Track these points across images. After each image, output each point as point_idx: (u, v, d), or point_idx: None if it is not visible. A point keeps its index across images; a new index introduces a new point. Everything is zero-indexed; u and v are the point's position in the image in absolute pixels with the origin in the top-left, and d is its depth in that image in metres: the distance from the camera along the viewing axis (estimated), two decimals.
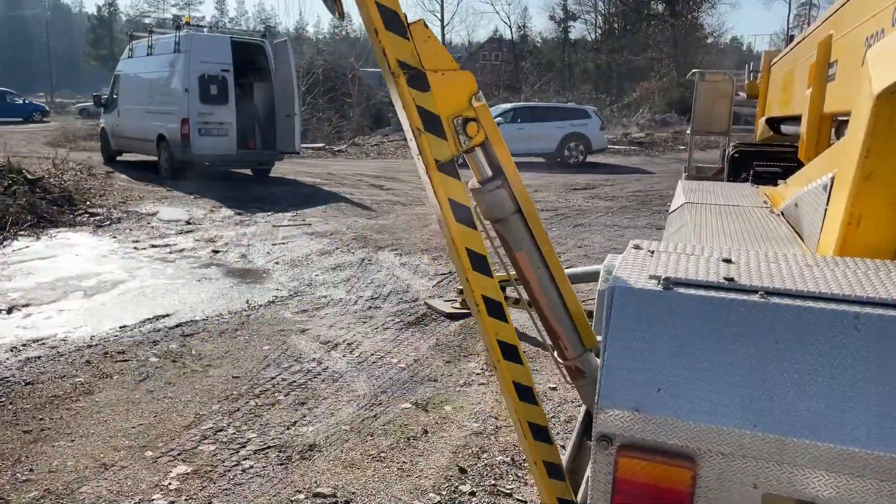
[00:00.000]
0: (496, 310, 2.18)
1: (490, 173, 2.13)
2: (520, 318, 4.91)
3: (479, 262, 2.10)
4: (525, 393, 2.36)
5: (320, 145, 25.20)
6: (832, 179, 1.73)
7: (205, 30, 17.42)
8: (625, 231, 10.27)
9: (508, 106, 21.44)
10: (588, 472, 2.49)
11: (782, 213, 2.64)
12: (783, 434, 1.17)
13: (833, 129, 3.06)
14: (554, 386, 4.75)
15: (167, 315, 6.13)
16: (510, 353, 2.28)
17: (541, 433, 2.43)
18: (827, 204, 1.74)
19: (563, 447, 2.66)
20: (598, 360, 2.53)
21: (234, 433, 4.03)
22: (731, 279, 1.31)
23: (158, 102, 15.53)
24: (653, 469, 1.24)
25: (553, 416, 4.29)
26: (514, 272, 2.40)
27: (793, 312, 1.20)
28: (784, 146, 6.27)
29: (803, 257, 1.49)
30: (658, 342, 1.22)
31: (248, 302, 6.63)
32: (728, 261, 1.44)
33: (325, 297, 6.86)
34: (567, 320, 2.37)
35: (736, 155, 5.82)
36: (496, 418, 4.26)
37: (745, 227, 2.37)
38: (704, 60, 49.07)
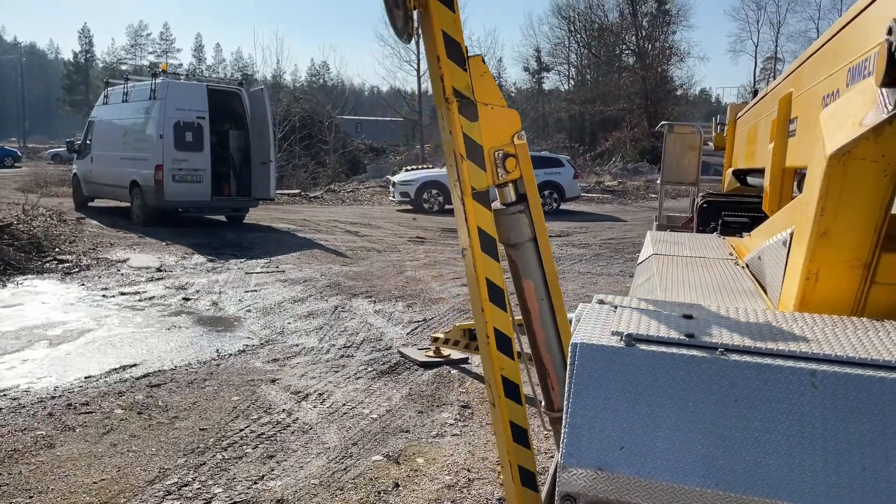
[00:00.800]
0: (505, 345, 2.25)
1: (514, 198, 2.21)
2: None
3: (497, 295, 2.17)
4: (520, 435, 2.38)
5: (296, 192, 25.23)
6: (791, 235, 1.76)
7: (181, 77, 17.52)
8: (598, 278, 10.34)
9: None
10: None
11: (747, 265, 2.68)
12: (744, 493, 1.16)
13: (795, 183, 3.13)
14: None
15: (134, 365, 6.00)
16: (512, 391, 2.32)
17: (528, 479, 2.43)
18: (787, 259, 1.77)
19: None
20: None
21: (200, 488, 3.92)
22: (691, 335, 1.32)
23: (133, 149, 15.49)
24: None
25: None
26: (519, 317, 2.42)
27: (751, 369, 1.21)
28: (751, 196, 6.40)
29: (763, 312, 1.51)
30: (621, 399, 1.22)
31: (218, 351, 6.52)
32: (689, 317, 1.45)
33: (297, 345, 6.78)
34: (560, 359, 2.39)
35: (705, 205, 5.91)
36: (469, 471, 4.19)
37: (709, 279, 2.40)
38: (674, 111, 50.22)
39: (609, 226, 17.21)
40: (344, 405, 5.21)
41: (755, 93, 6.09)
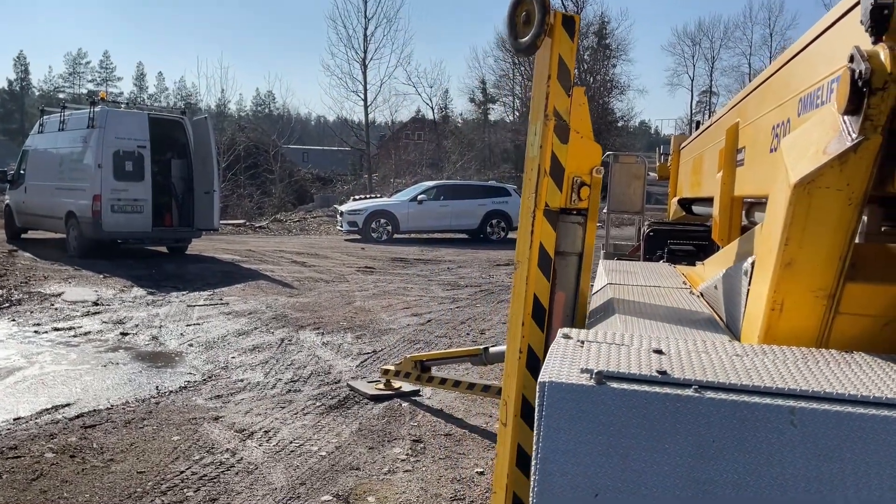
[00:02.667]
0: (534, 365, 2.26)
1: (575, 211, 2.35)
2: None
3: (539, 314, 2.25)
4: (523, 461, 2.36)
5: (241, 221, 24.79)
6: (752, 265, 1.74)
7: (122, 106, 17.11)
8: None
9: (432, 184, 21.76)
10: None
11: (701, 294, 2.67)
12: None
13: (744, 212, 3.15)
14: (482, 471, 4.60)
15: (67, 405, 5.69)
16: (528, 414, 2.33)
17: None
18: (748, 289, 1.74)
19: None
20: None
21: None
22: (663, 372, 1.26)
23: (69, 178, 14.98)
24: None
25: (482, 503, 4.13)
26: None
27: (727, 407, 1.15)
28: (695, 225, 6.51)
29: (732, 346, 1.47)
30: (593, 442, 1.15)
31: (157, 388, 6.25)
32: (659, 352, 1.39)
33: (242, 380, 6.54)
34: None
35: (651, 233, 5.98)
36: None
37: (667, 310, 2.38)
38: (616, 142, 51.37)
39: None
40: (291, 443, 5.02)
41: (697, 124, 6.23)
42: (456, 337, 8.41)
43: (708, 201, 5.09)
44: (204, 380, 6.54)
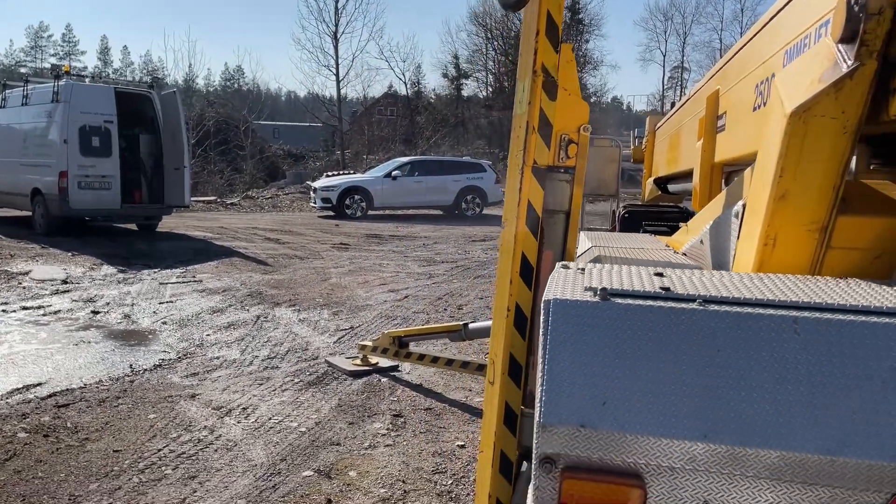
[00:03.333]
0: (522, 324, 2.27)
1: (562, 169, 2.33)
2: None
3: (527, 272, 2.23)
4: (510, 419, 2.37)
5: (211, 198, 24.45)
6: (744, 206, 1.74)
7: (87, 80, 16.69)
8: None
9: (406, 159, 21.63)
10: None
11: (685, 254, 2.67)
12: (733, 444, 1.13)
13: (723, 180, 3.16)
14: (462, 444, 4.61)
15: (39, 384, 5.58)
16: (515, 372, 2.30)
17: (506, 467, 2.39)
18: (739, 230, 1.75)
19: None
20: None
21: None
22: (667, 289, 1.28)
23: (34, 154, 14.61)
24: (600, 490, 1.18)
25: (463, 476, 4.13)
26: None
27: (732, 318, 1.18)
28: (669, 206, 6.53)
29: (729, 275, 1.47)
30: (600, 355, 1.15)
31: (131, 366, 6.15)
32: (660, 274, 1.41)
33: (218, 358, 6.47)
34: None
35: (626, 215, 6.01)
36: (404, 482, 4.05)
37: (657, 263, 2.38)
38: (590, 119, 51.42)
39: None
40: (270, 419, 4.98)
41: (672, 105, 6.24)
42: (433, 313, 8.40)
43: (684, 177, 5.11)
44: (179, 357, 6.46)
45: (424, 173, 19.96)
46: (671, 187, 5.43)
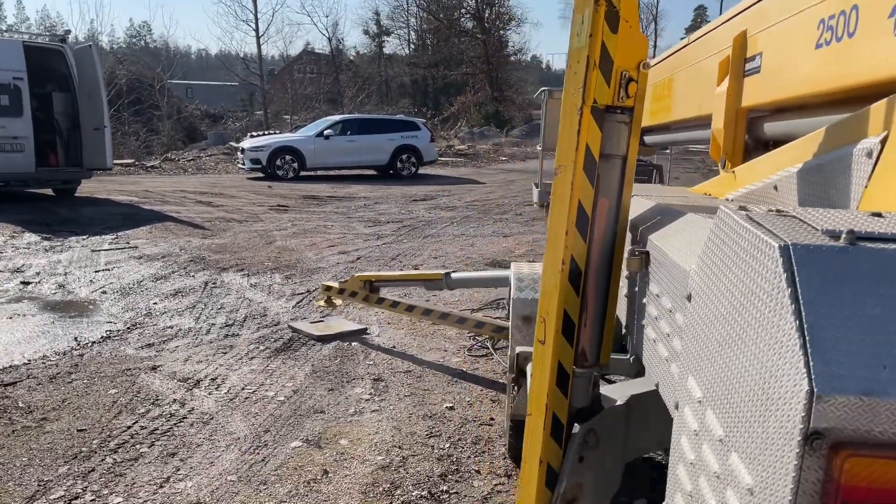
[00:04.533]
0: (576, 278, 2.09)
1: (621, 110, 2.13)
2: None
3: (583, 223, 2.05)
4: (563, 380, 2.21)
5: (129, 161, 23.19)
6: (884, 140, 1.59)
7: None
8: (474, 240, 10.27)
9: (338, 118, 21.00)
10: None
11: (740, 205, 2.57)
12: None
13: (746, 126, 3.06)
14: (451, 405, 4.48)
15: None
16: (568, 330, 2.13)
17: (558, 431, 2.24)
18: (873, 169, 1.60)
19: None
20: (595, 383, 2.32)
21: (95, 500, 3.34)
22: None
23: None
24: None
25: (459, 439, 4.01)
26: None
27: None
28: (640, 158, 6.49)
29: None
30: (861, 309, 0.94)
31: (77, 339, 5.72)
32: (878, 214, 1.18)
33: (171, 327, 6.10)
34: (602, 308, 2.19)
35: None
36: (400, 448, 3.90)
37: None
38: (513, 77, 51.49)
39: (469, 188, 17.26)
40: (243, 389, 4.72)
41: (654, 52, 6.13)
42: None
43: (665, 129, 5.04)
44: (128, 328, 6.05)
45: (357, 132, 19.44)
46: (648, 139, 5.35)
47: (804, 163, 2.02)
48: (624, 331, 2.53)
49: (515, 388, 3.31)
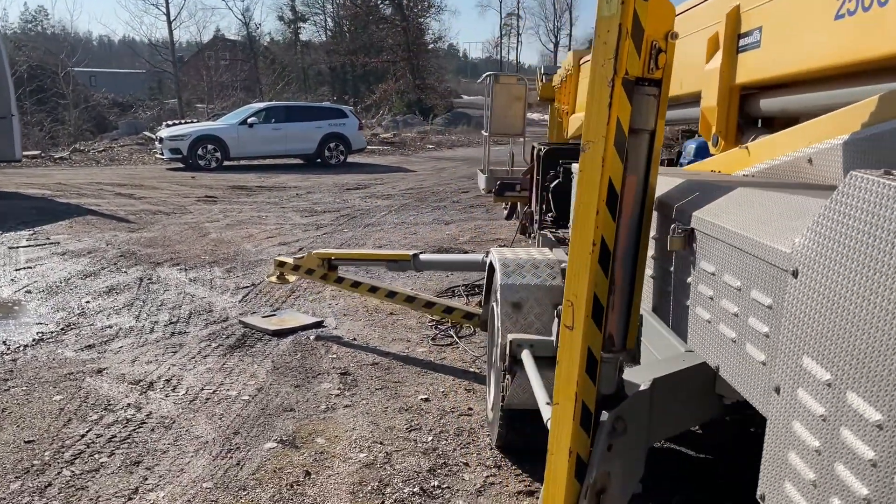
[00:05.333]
0: (605, 260, 2.00)
1: (649, 82, 2.04)
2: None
3: (613, 201, 1.96)
4: (592, 366, 2.12)
5: (35, 153, 21.81)
6: None
7: None
8: (416, 228, 10.13)
9: (262, 105, 20.32)
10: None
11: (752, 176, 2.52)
12: None
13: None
14: (426, 397, 4.35)
15: None
16: (598, 314, 2.05)
17: (587, 419, 2.15)
18: None
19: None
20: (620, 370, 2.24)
21: None
22: None
23: None
24: None
25: (442, 431, 3.89)
26: None
27: None
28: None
29: None
30: None
31: (5, 343, 5.29)
32: None
33: (110, 326, 5.72)
34: (629, 290, 2.12)
35: (544, 154, 5.91)
36: (381, 444, 3.75)
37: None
38: (433, 64, 51.30)
39: (402, 176, 17.06)
40: (202, 390, 4.45)
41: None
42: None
43: None
44: (62, 329, 5.63)
45: (283, 120, 18.86)
46: None
47: (851, 134, 1.99)
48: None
49: (508, 377, 3.21)
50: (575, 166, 3.21)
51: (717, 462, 3.67)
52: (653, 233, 2.21)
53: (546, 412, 2.58)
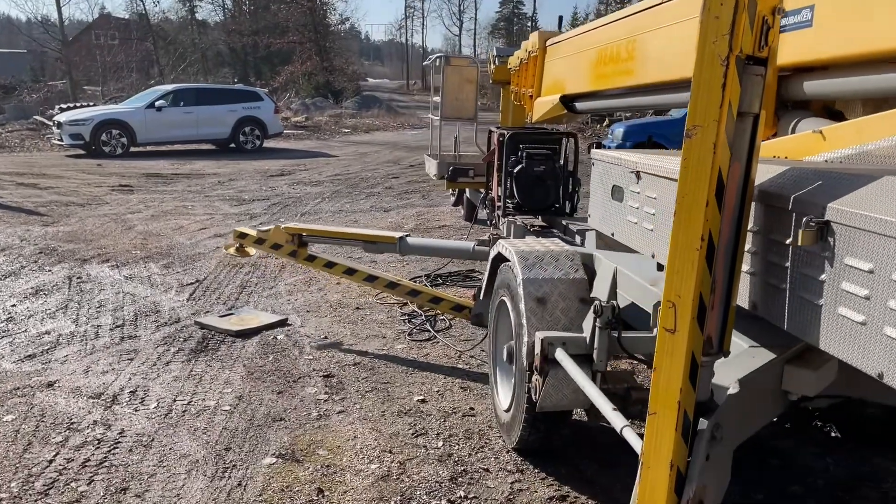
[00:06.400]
0: (710, 256, 1.88)
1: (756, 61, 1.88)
2: None
3: (720, 191, 1.84)
4: (694, 372, 1.96)
5: None
6: None
7: None
8: (355, 216, 9.80)
9: (170, 87, 19.16)
10: None
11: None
12: None
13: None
14: (422, 398, 4.14)
15: None
16: (702, 315, 1.91)
17: (687, 430, 2.00)
18: None
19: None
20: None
21: None
22: None
23: None
24: None
25: (451, 435, 3.69)
26: None
27: None
28: (542, 128, 6.37)
29: None
30: None
31: None
32: None
33: (48, 333, 5.17)
34: (728, 288, 2.00)
35: (507, 139, 5.79)
36: (391, 452, 3.51)
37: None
38: (340, 46, 50.25)
39: (325, 162, 16.54)
40: (175, 401, 4.06)
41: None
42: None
43: (598, 95, 4.93)
44: None
45: (194, 103, 17.85)
46: (582, 105, 5.23)
47: None
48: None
49: (537, 377, 3.05)
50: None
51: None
52: (751, 225, 2.09)
53: (613, 417, 2.44)
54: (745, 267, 2.13)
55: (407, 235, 5.04)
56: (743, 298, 2.16)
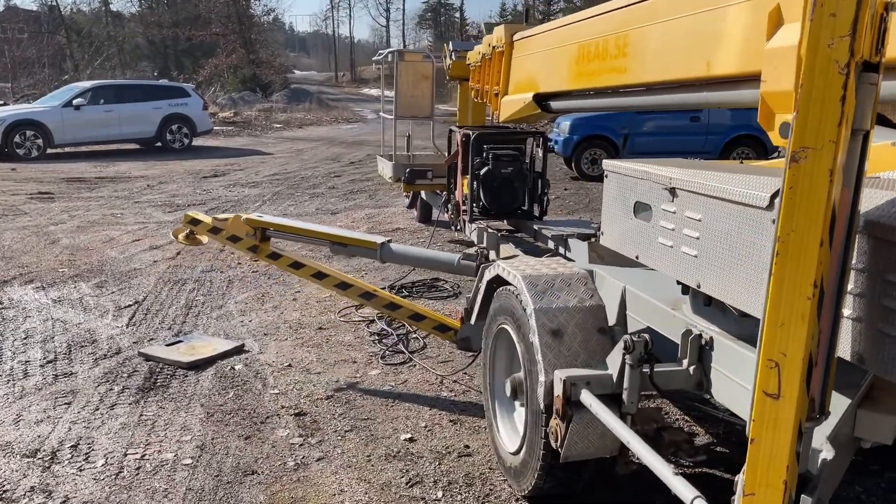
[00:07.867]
0: (820, 303, 1.60)
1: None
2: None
3: (832, 225, 1.57)
4: (798, 443, 1.68)
5: None
6: None
7: None
8: (302, 219, 9.22)
9: (89, 84, 17.95)
10: None
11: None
12: None
13: None
14: (410, 437, 3.72)
15: None
16: (810, 373, 1.63)
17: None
18: None
19: None
20: None
21: None
22: None
23: None
24: None
25: (450, 482, 3.29)
26: None
27: None
28: (510, 127, 6.03)
29: None
30: None
31: None
32: None
33: None
34: (831, 339, 1.70)
35: (472, 139, 5.51)
36: None
37: None
38: (265, 37, 48.82)
39: (260, 160, 15.79)
40: (126, 455, 3.53)
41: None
42: (228, 270, 6.98)
43: (575, 94, 4.60)
44: None
45: (114, 101, 16.75)
46: (557, 105, 4.88)
47: None
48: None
49: (559, 422, 2.69)
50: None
51: None
52: (854, 261, 1.77)
53: (678, 485, 2.10)
54: (847, 312, 1.81)
55: (389, 241, 4.58)
56: (844, 349, 1.84)
